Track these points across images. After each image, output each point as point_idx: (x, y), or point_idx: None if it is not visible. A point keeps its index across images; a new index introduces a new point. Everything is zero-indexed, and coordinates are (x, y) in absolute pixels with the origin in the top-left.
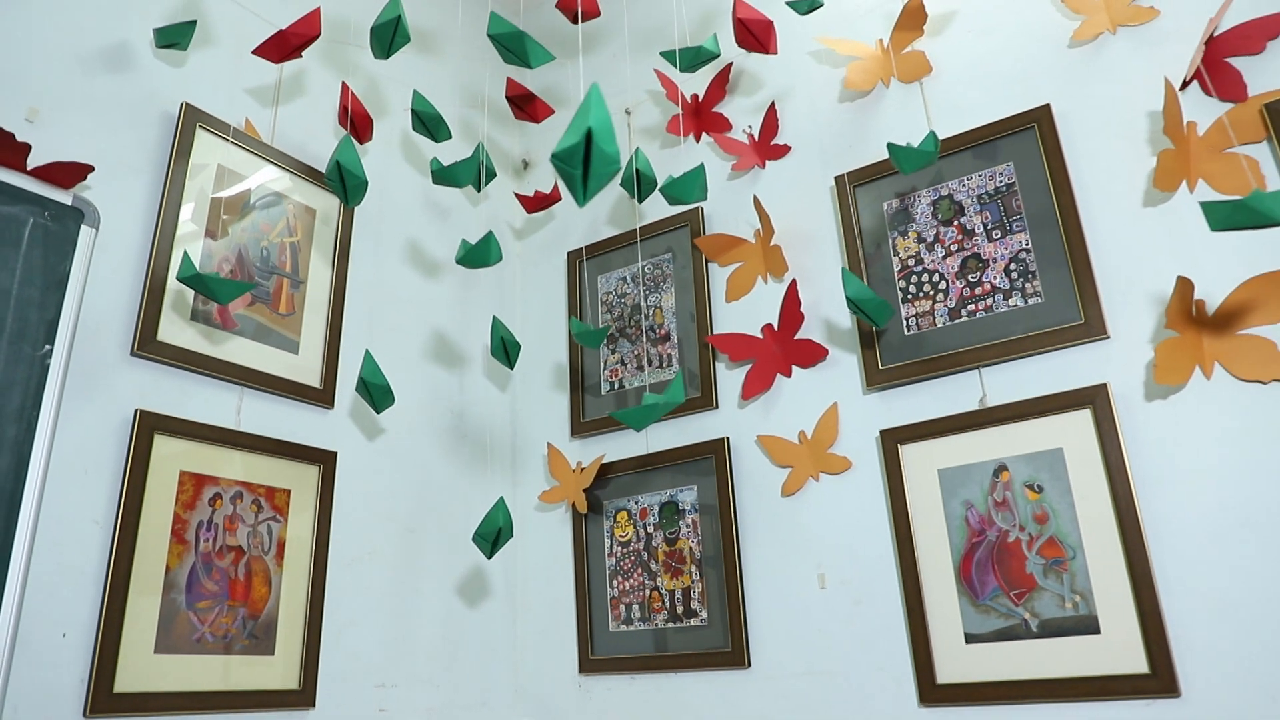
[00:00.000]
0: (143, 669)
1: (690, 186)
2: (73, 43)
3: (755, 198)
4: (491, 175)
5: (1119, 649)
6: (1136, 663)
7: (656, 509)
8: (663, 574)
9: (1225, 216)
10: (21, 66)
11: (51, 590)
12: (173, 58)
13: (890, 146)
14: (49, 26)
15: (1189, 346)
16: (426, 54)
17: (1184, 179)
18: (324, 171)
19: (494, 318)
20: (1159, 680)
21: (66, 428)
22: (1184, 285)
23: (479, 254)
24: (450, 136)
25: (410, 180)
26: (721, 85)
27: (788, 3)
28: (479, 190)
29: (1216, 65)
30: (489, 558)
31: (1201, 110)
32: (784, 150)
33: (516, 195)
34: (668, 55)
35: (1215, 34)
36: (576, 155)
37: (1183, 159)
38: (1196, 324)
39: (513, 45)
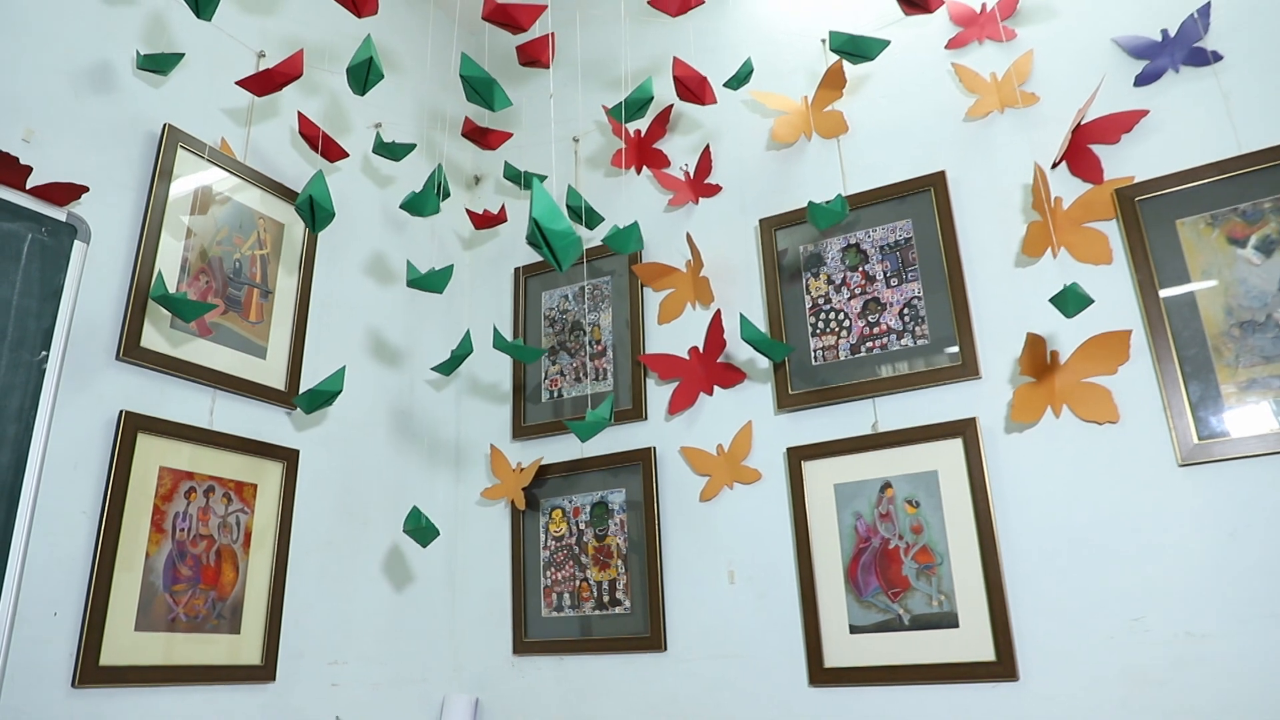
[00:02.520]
0: (124, 645)
1: (627, 240)
2: (63, 65)
3: (688, 234)
4: (446, 194)
5: (973, 640)
6: (986, 652)
7: (588, 508)
8: (592, 566)
9: (1075, 304)
10: (17, 89)
11: (44, 574)
12: (154, 79)
13: (810, 205)
14: (42, 50)
15: (1043, 391)
16: (389, 73)
17: (1049, 247)
18: (295, 196)
19: (494, 328)
20: (1002, 666)
21: (58, 427)
22: (1034, 341)
23: (430, 280)
24: (408, 152)
25: (369, 195)
26: (662, 124)
27: (724, 83)
28: (438, 212)
29: (1080, 150)
30: (424, 546)
31: (1068, 188)
32: (715, 189)
33: (467, 211)
34: (614, 111)
35: (1082, 123)
36: (537, 239)
37: (1048, 230)
38: (1050, 371)
39: (480, 89)
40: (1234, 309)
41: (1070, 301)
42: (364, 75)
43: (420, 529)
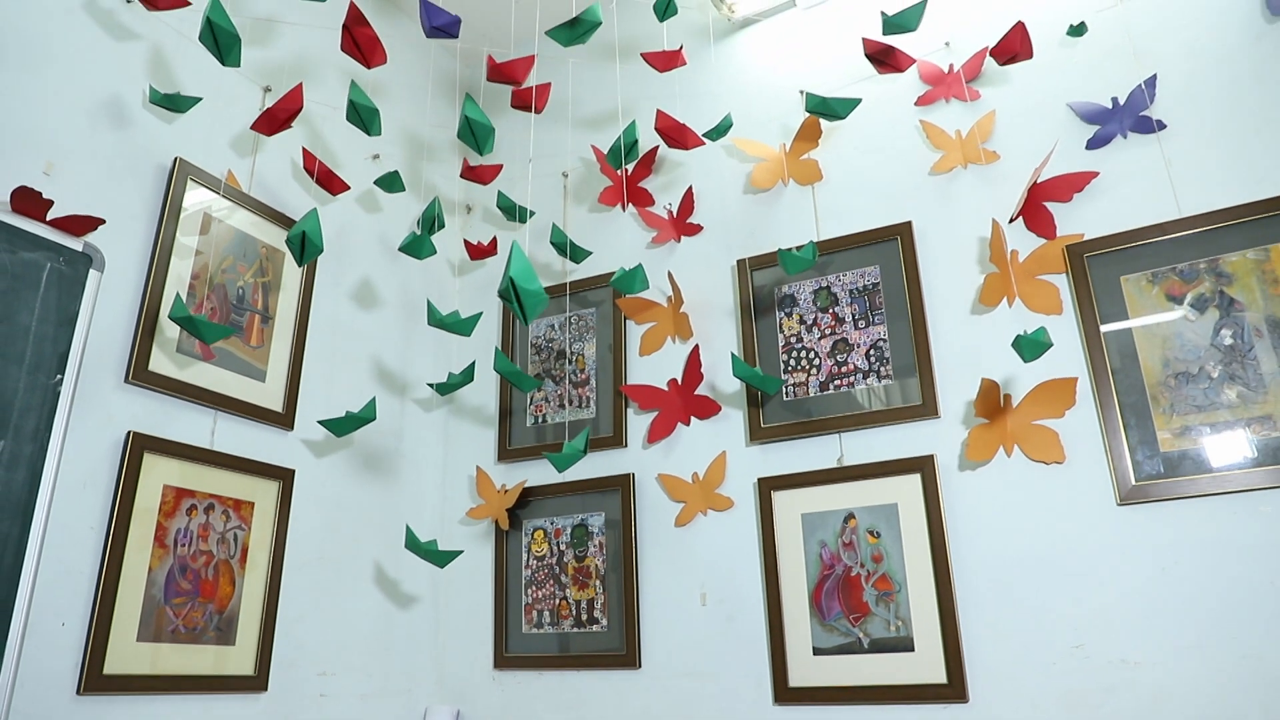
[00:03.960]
0: (127, 655)
1: (632, 281)
2: (80, 100)
3: (669, 272)
4: (441, 225)
5: (927, 664)
6: (938, 674)
7: (569, 530)
8: (571, 586)
9: (1032, 350)
10: (39, 124)
11: (53, 587)
12: (165, 113)
13: (780, 252)
14: (60, 86)
15: (996, 432)
16: (383, 104)
17: (1005, 296)
18: (289, 232)
19: (495, 349)
20: (953, 689)
21: (70, 447)
22: (987, 385)
23: (458, 324)
24: (403, 189)
25: (366, 222)
26: (648, 165)
27: (704, 133)
28: (434, 253)
29: (1036, 207)
30: (441, 567)
31: (1023, 241)
32: (697, 229)
33: (465, 242)
34: (609, 157)
35: (1037, 181)
36: (509, 296)
37: (1004, 281)
38: (1003, 414)
39: (478, 132)
40: (1170, 361)
41: (1026, 347)
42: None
43: (432, 551)
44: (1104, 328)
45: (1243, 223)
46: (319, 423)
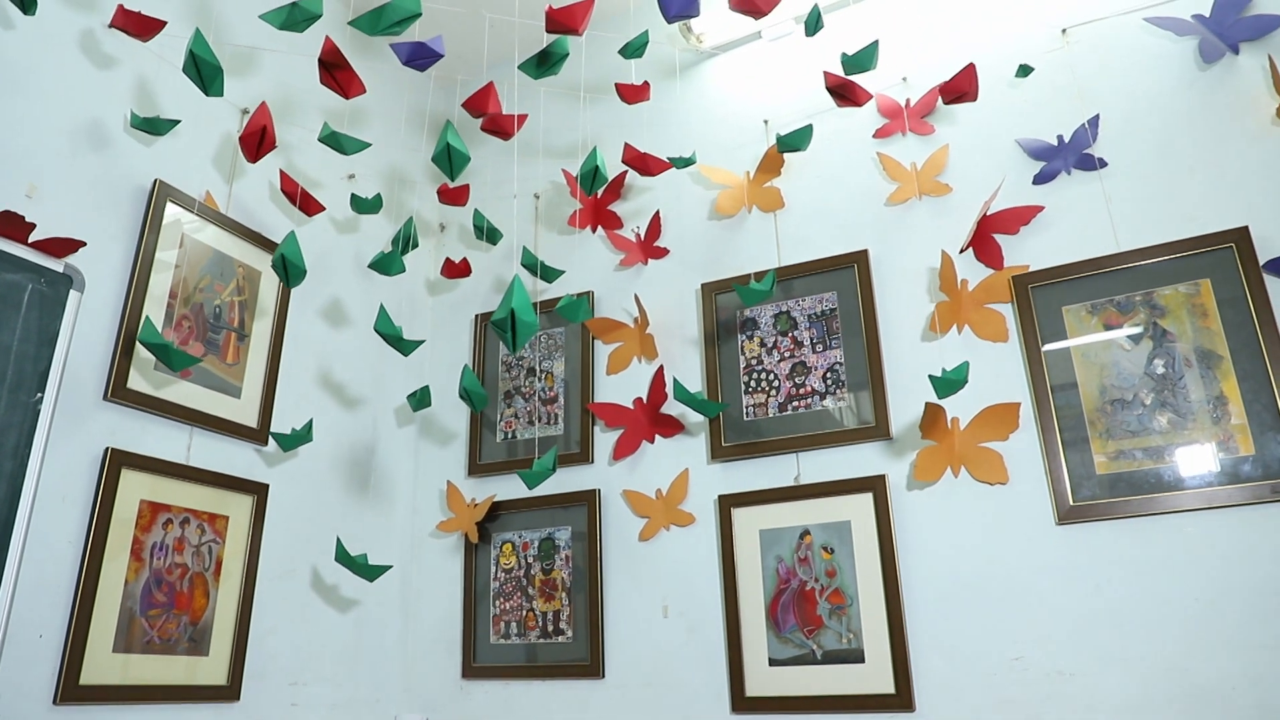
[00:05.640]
0: (103, 665)
1: (577, 310)
2: (61, 124)
3: (636, 295)
4: (415, 244)
5: (876, 675)
6: (887, 685)
7: (536, 543)
8: (538, 598)
9: (945, 389)
10: (22, 148)
11: (32, 599)
12: (145, 136)
13: (736, 286)
14: (42, 110)
15: (943, 453)
16: (357, 126)
17: (955, 323)
18: (273, 245)
19: (465, 367)
20: (901, 699)
21: (50, 463)
22: (932, 409)
23: (400, 343)
24: (380, 207)
25: (340, 241)
26: (617, 189)
27: (671, 158)
28: (404, 271)
29: (985, 238)
30: (370, 580)
31: (972, 271)
32: (663, 252)
33: (448, 260)
34: (583, 181)
35: (987, 214)
36: (506, 323)
37: (955, 309)
38: (951, 436)
39: (455, 159)
40: (1108, 388)
41: (940, 386)
42: (341, 144)
43: (358, 563)
44: (1046, 355)
45: (1175, 258)
46: (272, 436)
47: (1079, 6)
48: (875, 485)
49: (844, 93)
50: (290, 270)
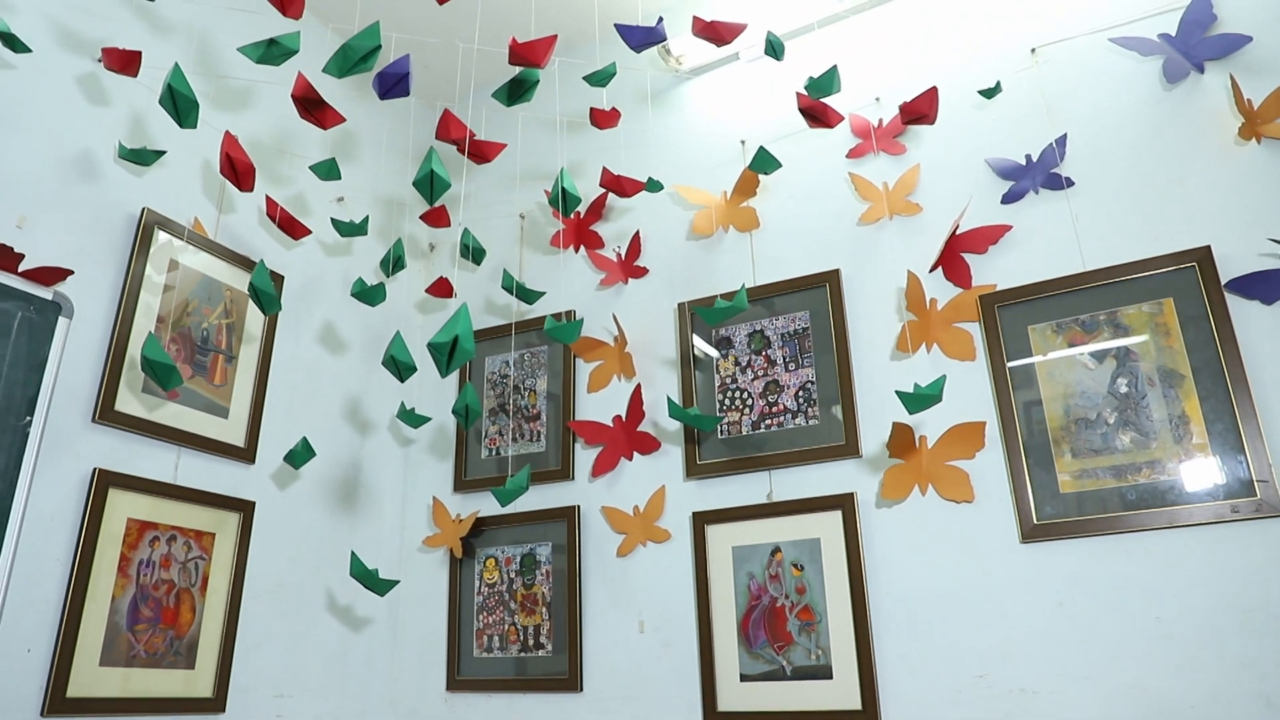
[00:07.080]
0: (90, 678)
1: (569, 332)
2: (52, 155)
3: (614, 314)
4: (402, 265)
5: (844, 690)
6: (854, 701)
7: (518, 559)
8: (520, 612)
9: (916, 404)
10: (12, 180)
11: (20, 615)
12: (134, 166)
13: (699, 309)
14: (33, 141)
15: (911, 471)
16: (349, 160)
17: (924, 342)
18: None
19: (467, 386)
20: (867, 715)
21: (39, 484)
22: (899, 428)
23: (399, 356)
24: (366, 230)
25: (329, 266)
26: (598, 210)
27: (645, 180)
28: (384, 300)
29: (953, 258)
30: (381, 595)
31: (942, 290)
32: (643, 271)
33: (442, 280)
34: (553, 201)
35: (955, 233)
36: (445, 348)
37: (924, 328)
38: (918, 454)
39: (436, 184)
40: (1072, 408)
41: (912, 402)
42: (327, 171)
43: (372, 577)
44: (1011, 374)
45: (1139, 277)
46: (285, 459)
47: (1048, 26)
48: (844, 503)
49: (815, 114)
50: (263, 298)
